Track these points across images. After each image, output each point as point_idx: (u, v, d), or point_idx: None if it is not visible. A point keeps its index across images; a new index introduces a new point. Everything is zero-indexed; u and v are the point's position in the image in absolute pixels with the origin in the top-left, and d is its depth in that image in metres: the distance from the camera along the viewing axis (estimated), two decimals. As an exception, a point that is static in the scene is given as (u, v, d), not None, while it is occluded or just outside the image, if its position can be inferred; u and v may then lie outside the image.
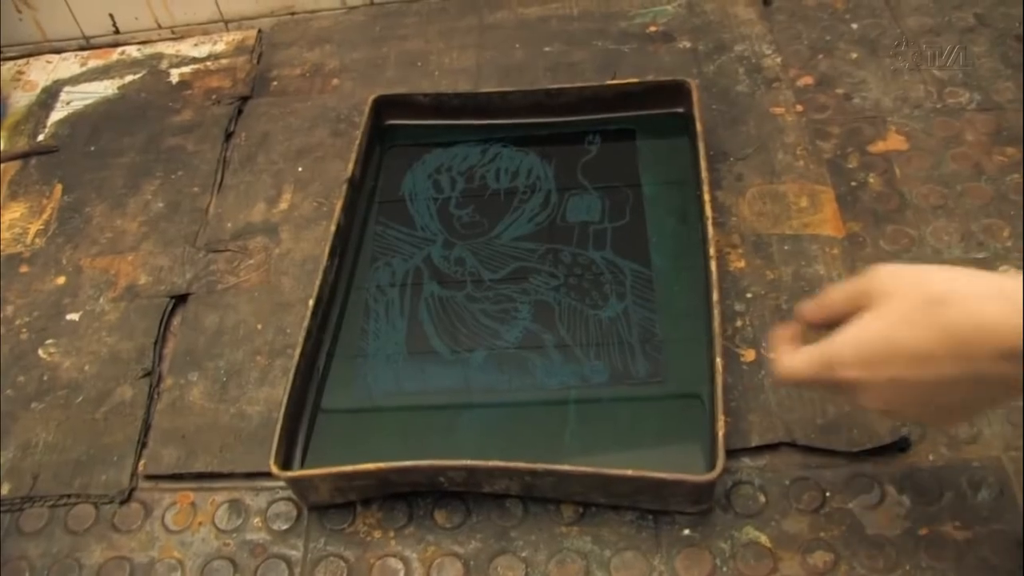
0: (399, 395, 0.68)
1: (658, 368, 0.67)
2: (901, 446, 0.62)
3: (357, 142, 0.82)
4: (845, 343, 0.47)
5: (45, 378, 0.75)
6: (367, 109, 0.85)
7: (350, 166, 0.80)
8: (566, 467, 0.58)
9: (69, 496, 0.68)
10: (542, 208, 0.79)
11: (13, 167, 0.96)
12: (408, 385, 0.69)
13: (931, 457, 0.61)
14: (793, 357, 0.50)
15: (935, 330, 0.43)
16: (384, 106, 0.87)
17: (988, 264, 0.71)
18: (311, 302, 0.70)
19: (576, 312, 0.71)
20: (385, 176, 0.84)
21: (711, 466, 0.58)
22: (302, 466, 0.64)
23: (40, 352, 0.77)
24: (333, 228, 0.75)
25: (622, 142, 0.83)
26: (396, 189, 0.83)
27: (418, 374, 0.69)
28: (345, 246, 0.77)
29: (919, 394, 0.46)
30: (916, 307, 0.44)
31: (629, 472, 0.57)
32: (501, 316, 0.72)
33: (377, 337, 0.71)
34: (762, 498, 0.61)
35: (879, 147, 0.81)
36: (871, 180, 0.79)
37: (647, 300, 0.71)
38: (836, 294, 0.50)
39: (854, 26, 0.94)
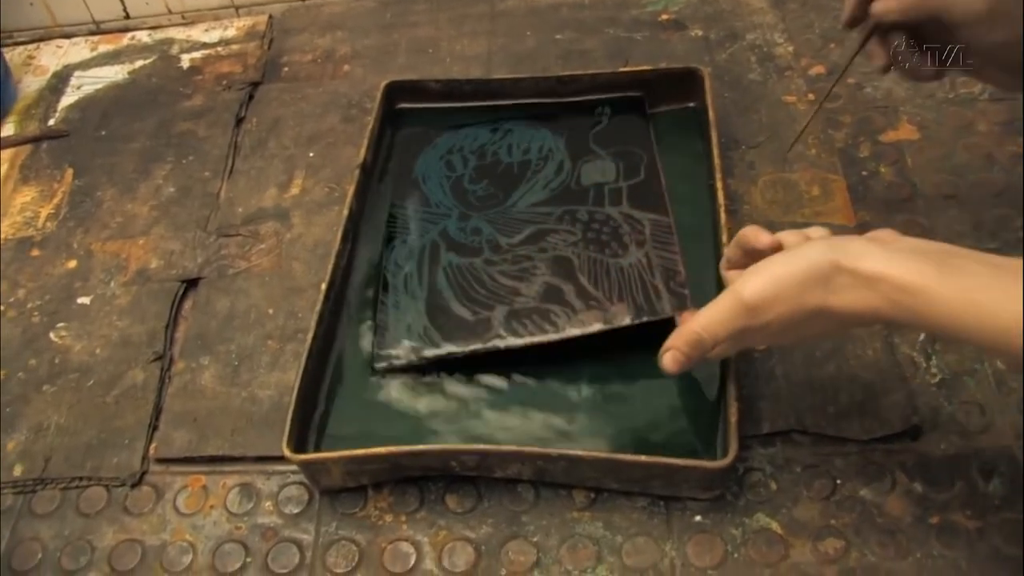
0: (416, 375, 0.68)
1: (684, 302, 0.66)
2: (912, 434, 0.62)
3: (369, 128, 0.82)
4: (707, 326, 0.54)
5: (56, 361, 0.75)
6: (379, 95, 0.85)
7: (362, 152, 0.80)
8: (579, 452, 0.58)
9: (81, 479, 0.68)
10: (556, 175, 0.78)
11: (24, 151, 0.96)
12: (428, 352, 0.68)
13: (942, 445, 0.62)
14: (667, 354, 0.57)
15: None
16: (396, 92, 0.87)
17: (999, 253, 0.70)
18: (323, 286, 0.70)
19: (596, 263, 0.70)
20: (397, 159, 0.84)
21: (723, 452, 0.58)
22: (315, 450, 0.64)
23: (51, 335, 0.77)
24: (346, 213, 0.75)
25: (632, 112, 0.82)
26: (409, 172, 0.82)
27: (439, 341, 0.68)
28: (357, 231, 0.77)
29: (776, 334, 0.53)
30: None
31: (642, 458, 0.57)
32: (520, 275, 0.71)
33: (396, 308, 0.71)
34: (773, 485, 0.61)
35: (891, 136, 0.81)
36: (883, 169, 0.79)
37: (668, 244, 0.70)
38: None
39: (866, 15, 0.93)
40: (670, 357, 0.57)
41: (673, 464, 0.57)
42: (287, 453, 0.60)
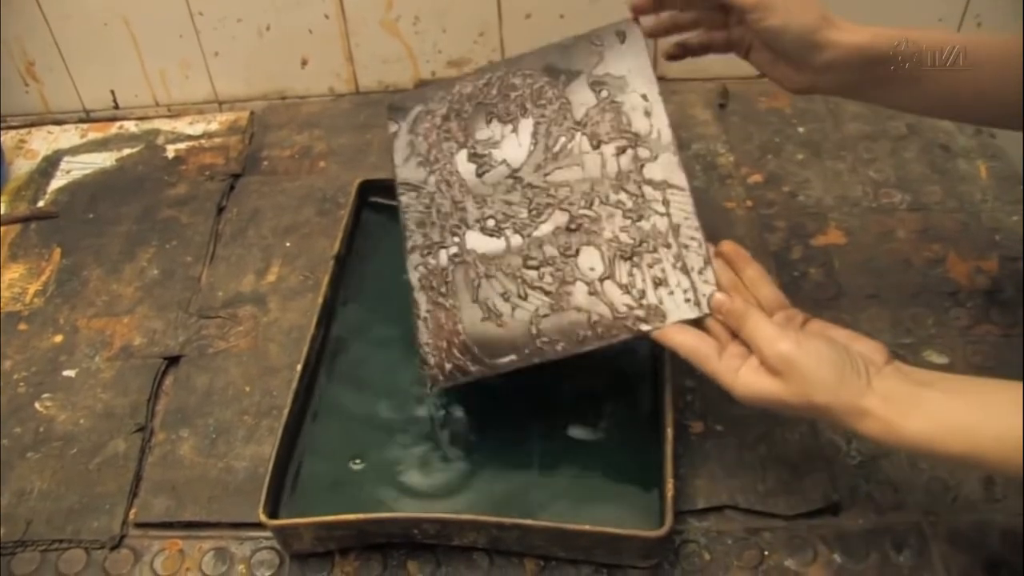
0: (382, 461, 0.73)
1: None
2: (833, 510, 0.68)
3: (343, 222, 0.88)
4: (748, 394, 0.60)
5: (41, 430, 0.79)
6: (353, 191, 0.91)
7: (337, 244, 0.86)
8: (529, 521, 0.64)
9: (61, 541, 0.71)
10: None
11: (14, 230, 1.01)
12: (474, 369, 0.69)
13: (860, 521, 0.68)
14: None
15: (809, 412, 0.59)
16: (368, 189, 0.93)
17: (914, 348, 0.79)
18: (299, 367, 0.75)
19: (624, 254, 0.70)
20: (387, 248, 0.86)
21: (660, 523, 0.64)
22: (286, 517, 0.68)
23: (36, 405, 0.81)
24: (320, 301, 0.80)
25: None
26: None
27: (484, 358, 0.68)
28: (331, 317, 0.82)
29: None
30: (803, 404, 0.58)
31: (587, 527, 0.63)
32: (554, 273, 0.70)
33: (427, 323, 0.72)
34: (707, 555, 0.67)
35: (820, 241, 0.89)
36: (812, 271, 0.86)
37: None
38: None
39: (800, 129, 1.02)
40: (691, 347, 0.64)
41: (614, 533, 0.63)
42: (263, 519, 0.65)
